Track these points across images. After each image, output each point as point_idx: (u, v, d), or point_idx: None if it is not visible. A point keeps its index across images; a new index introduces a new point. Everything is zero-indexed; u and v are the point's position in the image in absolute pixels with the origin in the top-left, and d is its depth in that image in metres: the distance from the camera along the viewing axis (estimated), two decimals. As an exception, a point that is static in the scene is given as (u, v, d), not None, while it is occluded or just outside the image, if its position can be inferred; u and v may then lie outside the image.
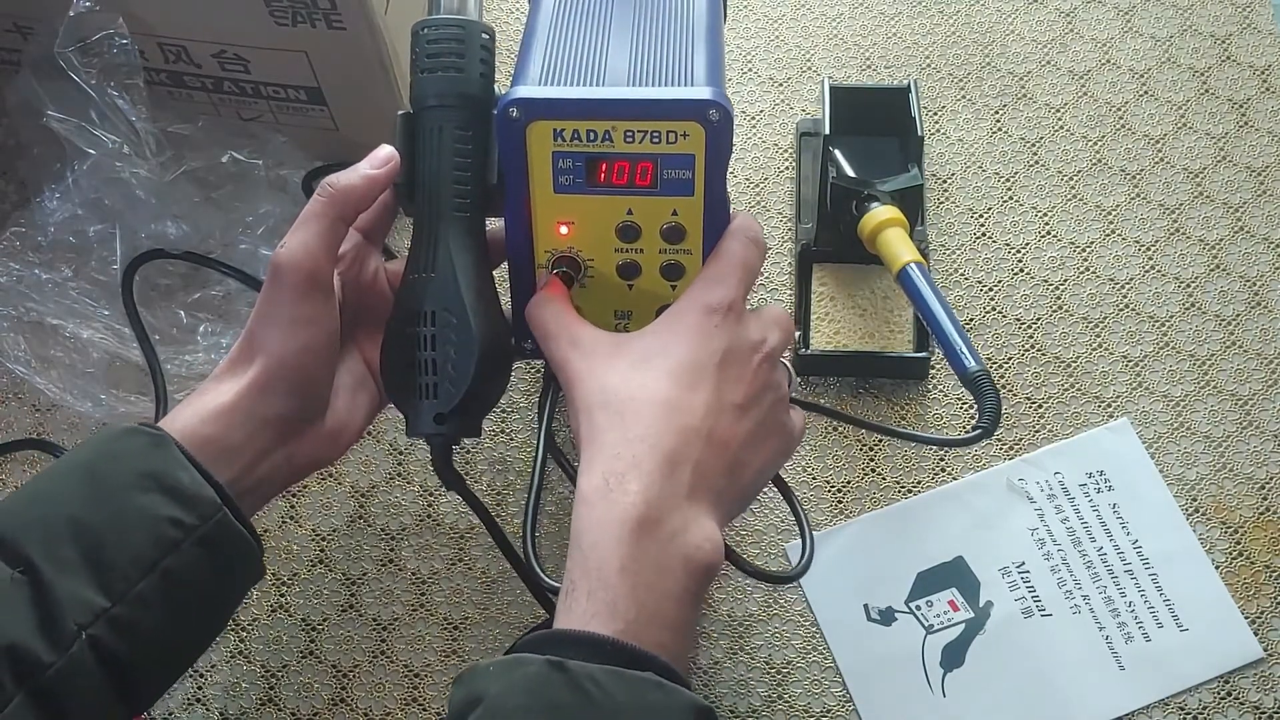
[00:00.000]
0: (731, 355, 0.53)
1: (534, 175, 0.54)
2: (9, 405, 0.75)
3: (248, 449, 0.54)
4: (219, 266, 0.74)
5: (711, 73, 0.54)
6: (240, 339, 0.55)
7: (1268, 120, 0.82)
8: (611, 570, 0.47)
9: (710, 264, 0.55)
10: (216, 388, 0.54)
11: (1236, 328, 0.75)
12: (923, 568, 0.69)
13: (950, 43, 0.86)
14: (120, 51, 0.68)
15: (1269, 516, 0.70)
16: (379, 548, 0.71)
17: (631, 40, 0.56)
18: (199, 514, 0.50)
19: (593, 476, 0.49)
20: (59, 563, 0.48)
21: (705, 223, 0.56)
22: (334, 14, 0.67)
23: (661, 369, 0.52)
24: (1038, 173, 0.81)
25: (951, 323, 0.62)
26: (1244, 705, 0.65)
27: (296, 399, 0.55)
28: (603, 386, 0.52)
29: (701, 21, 0.58)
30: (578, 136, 0.53)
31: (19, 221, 0.73)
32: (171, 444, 0.51)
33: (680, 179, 0.54)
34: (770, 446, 0.55)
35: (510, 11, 0.88)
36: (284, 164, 0.76)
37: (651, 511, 0.48)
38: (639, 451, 0.49)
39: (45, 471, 0.52)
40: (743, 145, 0.82)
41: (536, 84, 0.54)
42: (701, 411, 0.51)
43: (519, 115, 0.53)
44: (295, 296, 0.54)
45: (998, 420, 0.57)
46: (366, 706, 0.67)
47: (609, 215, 0.56)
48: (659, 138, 0.53)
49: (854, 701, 0.66)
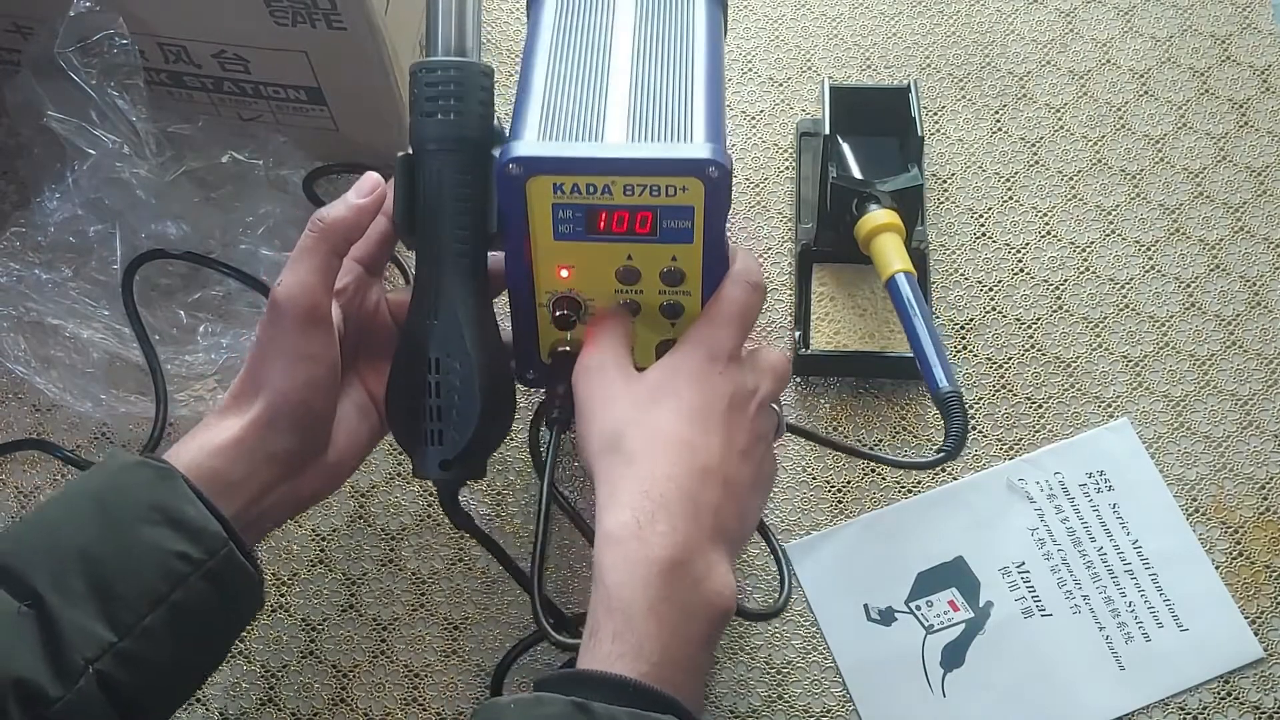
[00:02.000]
0: (735, 401, 0.53)
1: (534, 224, 0.55)
2: (9, 405, 0.75)
3: (252, 483, 0.54)
4: (219, 266, 0.74)
5: (711, 124, 0.54)
6: (241, 374, 0.56)
7: (1268, 120, 0.82)
8: (639, 611, 0.47)
9: (711, 308, 0.55)
10: (220, 423, 0.54)
11: (1236, 328, 0.75)
12: (923, 568, 0.69)
13: (950, 43, 0.86)
14: (120, 51, 0.68)
15: (1269, 516, 0.70)
16: (379, 548, 0.71)
17: (631, 86, 0.56)
18: (206, 548, 0.50)
19: (620, 513, 0.49)
20: (67, 595, 0.48)
21: (705, 267, 0.56)
22: (334, 14, 0.67)
23: (675, 411, 0.52)
24: (1038, 173, 0.81)
25: (931, 338, 0.62)
26: (1244, 705, 0.65)
27: (300, 434, 0.55)
28: (622, 420, 0.52)
29: (701, 57, 0.57)
30: (577, 190, 0.53)
31: (19, 221, 0.73)
32: (179, 478, 0.51)
33: (679, 228, 0.54)
34: (765, 491, 0.56)
35: (510, 11, 0.88)
36: (284, 164, 0.76)
37: (680, 553, 0.49)
38: (666, 491, 0.50)
39: (52, 501, 0.52)
40: (743, 145, 0.82)
41: (536, 138, 0.53)
42: (718, 455, 0.52)
43: (519, 172, 0.53)
44: (295, 333, 0.54)
45: (962, 443, 0.58)
46: (366, 706, 0.67)
47: (608, 260, 0.56)
48: (658, 191, 0.53)
49: (854, 701, 0.66)
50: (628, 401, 0.53)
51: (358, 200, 0.56)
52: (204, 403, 0.72)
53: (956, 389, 0.59)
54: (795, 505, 0.71)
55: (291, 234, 0.76)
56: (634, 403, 0.53)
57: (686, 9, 0.60)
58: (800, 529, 0.70)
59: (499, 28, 0.87)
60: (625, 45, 0.58)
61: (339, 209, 0.56)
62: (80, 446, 0.73)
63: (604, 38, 0.58)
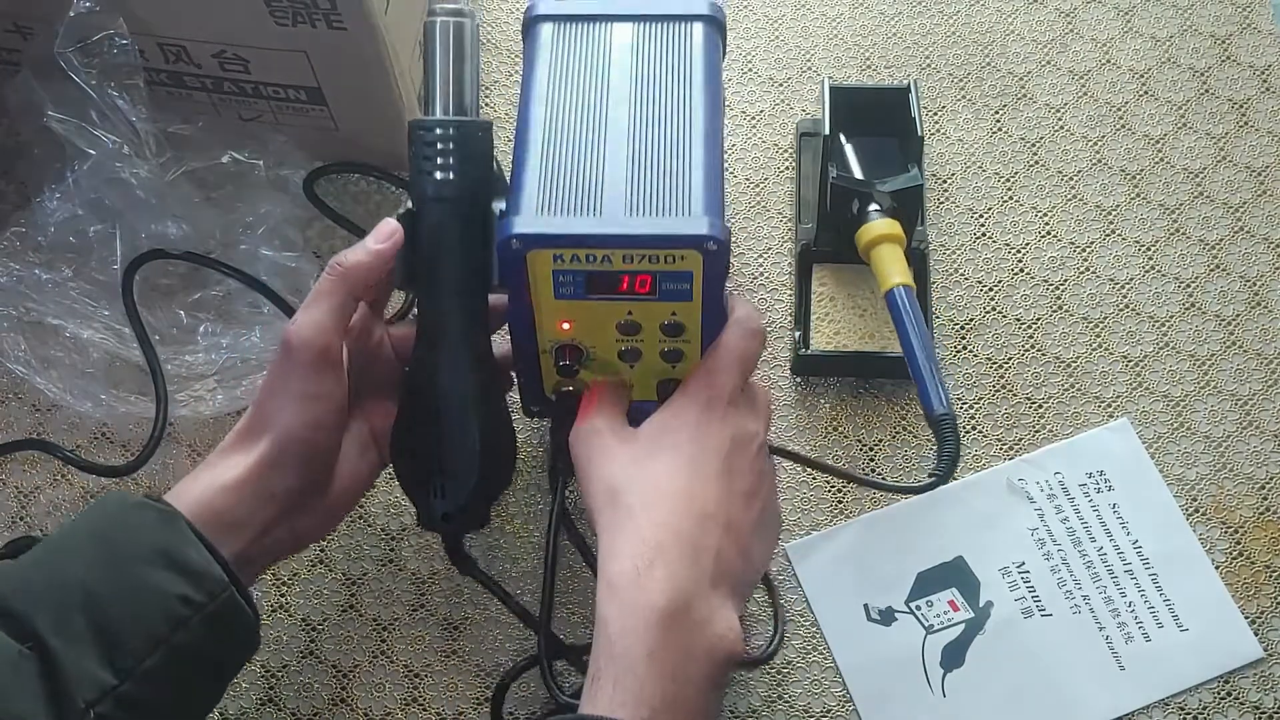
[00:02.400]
0: (736, 444, 0.54)
1: (535, 287, 0.56)
2: (9, 405, 0.75)
3: (254, 523, 0.55)
4: (219, 266, 0.74)
5: (709, 192, 0.55)
6: (249, 412, 0.56)
7: (1268, 120, 0.82)
8: (639, 657, 0.48)
9: (711, 354, 0.57)
10: (226, 461, 0.55)
11: (1236, 328, 0.75)
12: (923, 568, 0.69)
13: (950, 43, 0.86)
14: (120, 51, 0.68)
15: (1269, 516, 0.70)
16: (379, 548, 0.71)
17: (629, 152, 0.56)
18: (207, 591, 0.51)
19: (620, 561, 0.50)
20: (68, 637, 0.48)
21: (704, 322, 0.57)
22: (334, 14, 0.67)
23: (674, 459, 0.53)
24: (1038, 173, 0.81)
25: (927, 357, 0.61)
26: (1244, 705, 0.65)
27: (304, 473, 0.56)
28: (620, 474, 0.53)
29: (699, 115, 0.57)
30: (577, 259, 0.54)
31: (19, 221, 0.73)
32: (181, 520, 0.52)
33: (678, 289, 0.55)
34: (772, 531, 0.57)
35: (510, 12, 0.88)
36: (284, 164, 0.76)
37: (679, 598, 0.49)
38: (664, 538, 0.51)
39: (53, 539, 0.52)
40: (743, 145, 0.82)
41: (535, 211, 0.54)
42: (716, 500, 0.53)
43: (519, 247, 0.53)
44: (307, 373, 0.55)
45: (953, 468, 0.57)
46: (366, 706, 0.67)
47: (609, 315, 0.57)
48: (656, 259, 0.54)
49: (854, 701, 0.66)
50: (625, 457, 0.54)
51: (377, 245, 0.57)
52: (204, 402, 0.72)
53: (950, 412, 0.59)
54: (795, 505, 0.71)
55: (291, 234, 0.76)
56: (632, 457, 0.54)
57: (684, 48, 0.59)
58: (800, 529, 0.70)
59: (499, 28, 0.87)
60: (622, 103, 0.57)
61: (359, 254, 0.56)
62: (80, 446, 0.73)
63: (600, 93, 0.58)
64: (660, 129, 0.56)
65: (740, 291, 0.77)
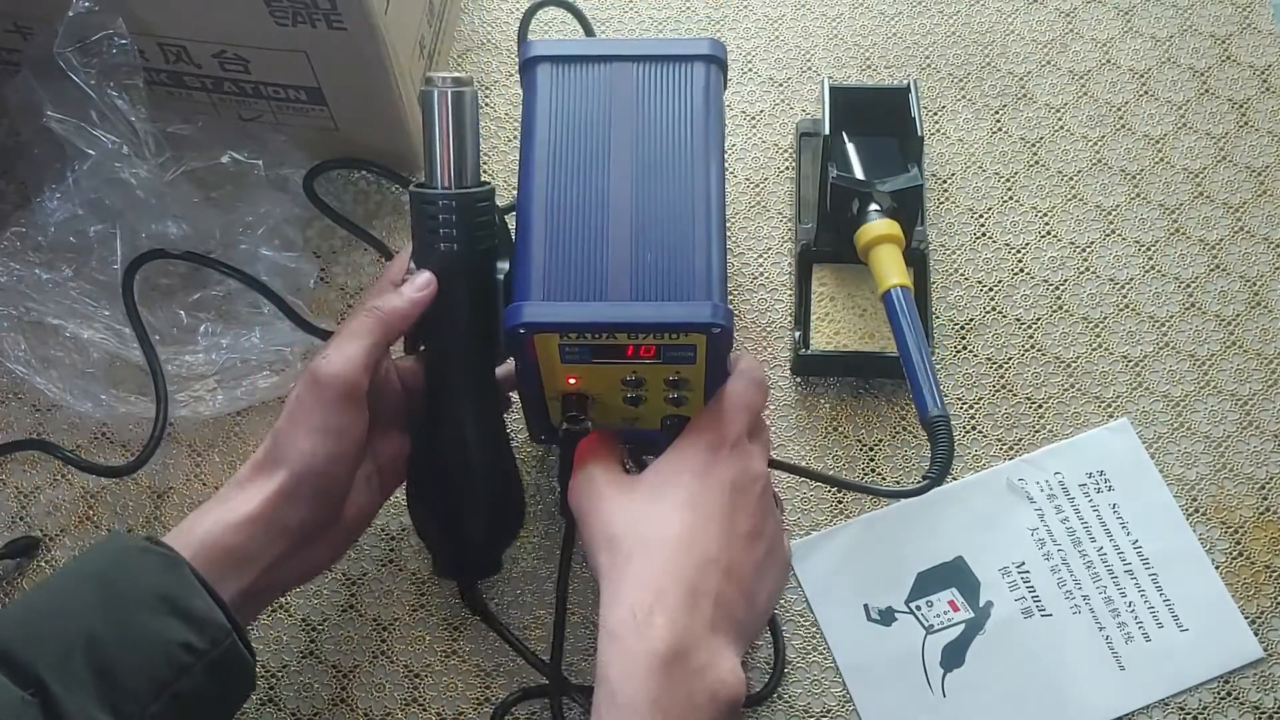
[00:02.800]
0: (738, 486, 0.55)
1: (541, 357, 0.57)
2: (9, 405, 0.75)
3: (265, 557, 0.55)
4: (219, 266, 0.74)
5: (712, 273, 0.55)
6: (266, 444, 0.57)
7: (1268, 120, 0.82)
8: (642, 704, 0.48)
9: (716, 401, 0.58)
10: (239, 495, 0.55)
11: (1236, 328, 0.75)
12: (923, 568, 0.69)
13: (950, 43, 0.86)
14: (120, 51, 0.68)
15: (1269, 516, 0.70)
16: (379, 548, 0.71)
17: (631, 230, 0.56)
18: (210, 638, 0.51)
19: (618, 609, 0.51)
20: (71, 683, 0.48)
21: (707, 382, 0.58)
22: (334, 14, 0.67)
23: (674, 504, 0.54)
24: (1038, 173, 0.81)
25: (922, 359, 0.61)
26: (1244, 705, 0.65)
27: (318, 506, 0.56)
28: (618, 522, 0.54)
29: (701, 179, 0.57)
30: (583, 337, 0.55)
31: (19, 221, 0.73)
32: (184, 565, 0.52)
33: (683, 356, 0.56)
34: (777, 573, 0.57)
35: (510, 12, 0.88)
36: (284, 164, 0.76)
37: (679, 644, 0.50)
38: (663, 585, 0.51)
39: (55, 583, 0.52)
40: (743, 145, 0.82)
41: (540, 295, 0.55)
42: (717, 544, 0.53)
43: (525, 333, 0.55)
44: (333, 408, 0.55)
45: (946, 470, 0.58)
46: (366, 706, 0.67)
47: (614, 374, 0.58)
48: (661, 337, 0.55)
49: (854, 701, 0.66)
50: (624, 504, 0.55)
51: (415, 295, 0.58)
52: (204, 403, 0.72)
53: (944, 413, 0.59)
54: (795, 505, 0.71)
55: (291, 234, 0.76)
56: (631, 504, 0.55)
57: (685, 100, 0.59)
58: (800, 529, 0.70)
59: (499, 28, 0.87)
60: (625, 170, 0.57)
61: (398, 301, 0.58)
62: (80, 446, 0.73)
63: (602, 160, 0.58)
64: (663, 204, 0.57)
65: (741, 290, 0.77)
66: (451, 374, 0.60)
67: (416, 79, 0.76)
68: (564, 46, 0.61)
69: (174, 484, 0.72)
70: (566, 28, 0.84)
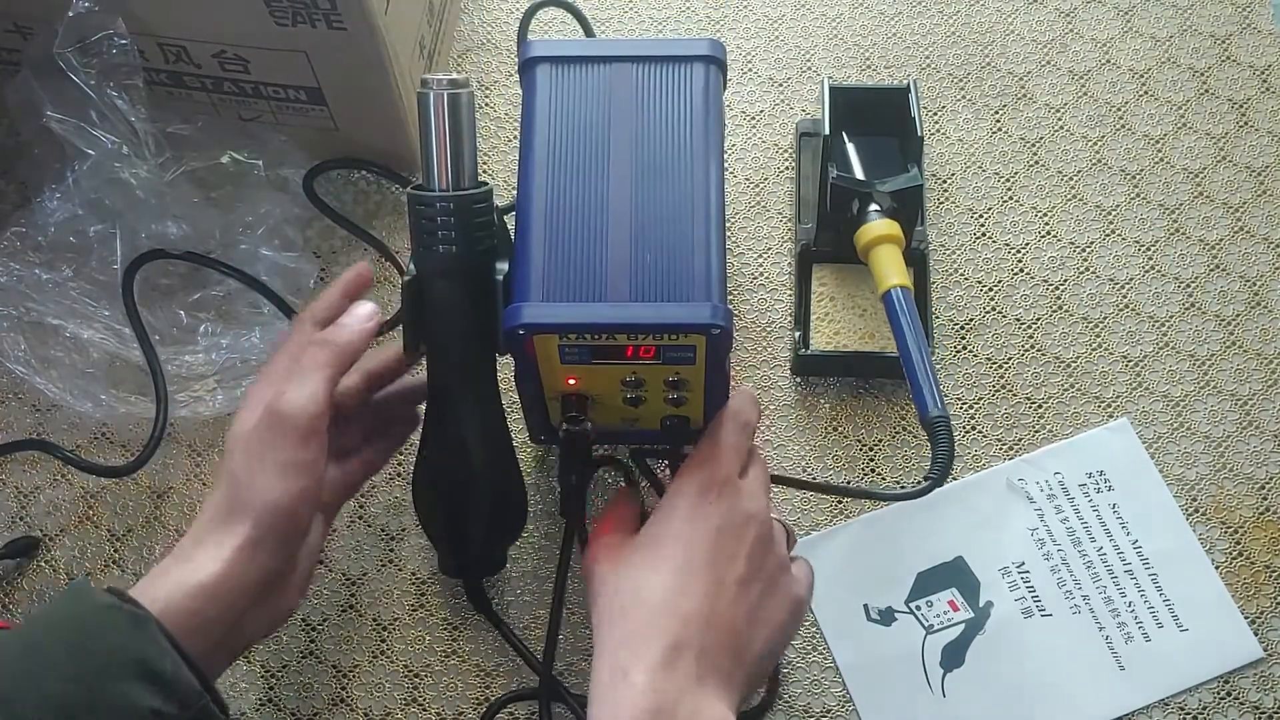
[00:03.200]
0: (727, 530, 0.56)
1: (541, 358, 0.57)
2: (9, 405, 0.75)
3: (231, 615, 0.53)
4: (219, 266, 0.74)
5: (712, 274, 0.55)
6: (223, 488, 0.55)
7: (1268, 120, 0.82)
8: None
9: (703, 445, 0.59)
10: (201, 554, 0.53)
11: (1236, 328, 0.75)
12: (923, 568, 0.69)
13: (950, 43, 0.86)
14: (120, 51, 0.68)
15: (1269, 516, 0.70)
16: (379, 548, 0.71)
17: (631, 232, 0.56)
18: (181, 702, 0.49)
19: (603, 670, 0.52)
20: None
21: (707, 382, 0.58)
22: (334, 14, 0.67)
23: (662, 557, 0.55)
24: (1038, 173, 0.81)
25: (922, 360, 0.61)
26: (1244, 705, 0.65)
27: (283, 551, 0.55)
28: (609, 580, 0.56)
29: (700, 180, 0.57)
30: (583, 338, 0.55)
31: (19, 221, 0.73)
32: (153, 625, 0.50)
33: (682, 356, 0.57)
34: (777, 618, 0.57)
35: (510, 11, 0.88)
36: (284, 164, 0.76)
37: (660, 701, 0.50)
38: (639, 645, 0.52)
39: (19, 642, 0.50)
40: (743, 145, 0.82)
41: (540, 298, 0.55)
42: (700, 595, 0.54)
43: (525, 334, 0.55)
44: (296, 444, 0.55)
45: (947, 471, 0.57)
46: (366, 706, 0.67)
47: (614, 374, 0.58)
48: (660, 337, 0.55)
49: (854, 701, 0.66)
50: (626, 562, 0.56)
51: (363, 326, 0.59)
52: (204, 403, 0.72)
53: (945, 414, 0.58)
54: (795, 505, 0.71)
55: (291, 234, 0.76)
56: (629, 562, 0.56)
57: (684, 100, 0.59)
58: (800, 529, 0.70)
59: (499, 28, 0.87)
60: (625, 170, 0.58)
61: (349, 334, 0.58)
62: (80, 446, 0.73)
63: (601, 161, 0.58)
64: (662, 204, 0.57)
65: (741, 290, 0.77)
66: (452, 374, 0.60)
67: (416, 79, 0.76)
68: (563, 47, 0.61)
69: (174, 484, 0.72)
70: (566, 28, 0.84)
